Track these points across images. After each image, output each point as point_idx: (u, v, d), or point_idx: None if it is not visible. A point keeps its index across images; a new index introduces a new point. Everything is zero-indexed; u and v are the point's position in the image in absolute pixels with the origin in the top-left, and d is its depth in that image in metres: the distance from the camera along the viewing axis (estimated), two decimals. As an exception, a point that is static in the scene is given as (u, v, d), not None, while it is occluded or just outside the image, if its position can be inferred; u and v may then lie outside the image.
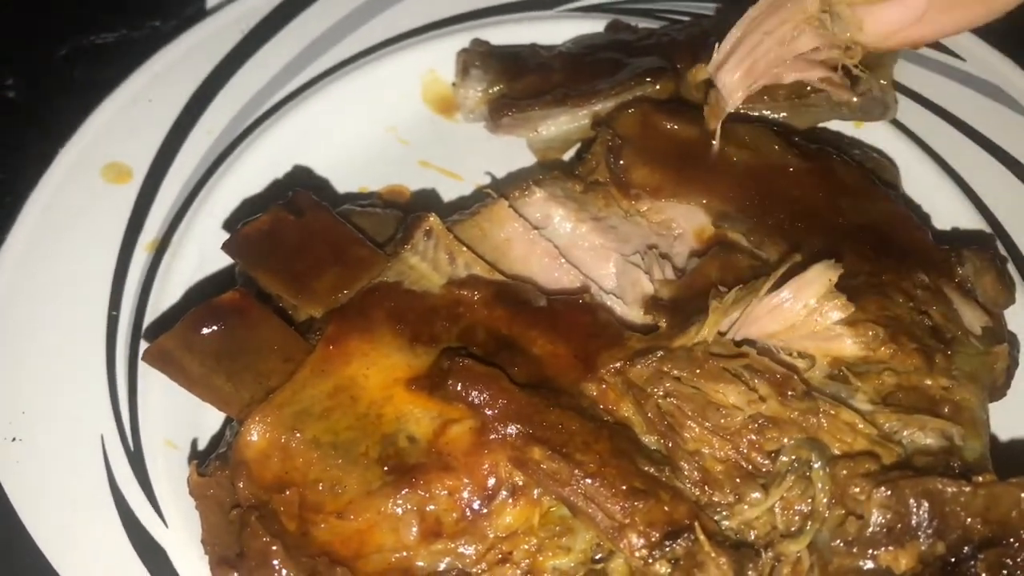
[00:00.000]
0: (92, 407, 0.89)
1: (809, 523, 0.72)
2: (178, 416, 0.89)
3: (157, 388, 0.90)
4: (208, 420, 0.90)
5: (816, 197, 0.95)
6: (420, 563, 0.71)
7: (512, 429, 0.73)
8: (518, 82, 1.09)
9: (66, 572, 0.80)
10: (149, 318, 0.94)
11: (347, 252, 0.82)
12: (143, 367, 0.91)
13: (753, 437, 0.74)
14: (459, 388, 0.73)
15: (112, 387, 0.90)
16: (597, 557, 0.73)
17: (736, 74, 0.77)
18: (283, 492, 0.72)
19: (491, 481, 0.72)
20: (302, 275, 0.81)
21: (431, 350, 0.77)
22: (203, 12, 1.21)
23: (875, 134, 1.09)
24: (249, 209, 1.02)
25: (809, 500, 0.72)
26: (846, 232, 0.91)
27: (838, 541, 0.70)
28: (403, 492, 0.71)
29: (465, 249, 0.84)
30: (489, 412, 0.73)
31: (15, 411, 0.88)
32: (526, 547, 0.72)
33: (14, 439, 0.86)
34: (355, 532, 0.71)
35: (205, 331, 0.76)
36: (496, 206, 0.89)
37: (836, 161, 0.98)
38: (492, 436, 0.72)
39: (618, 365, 0.77)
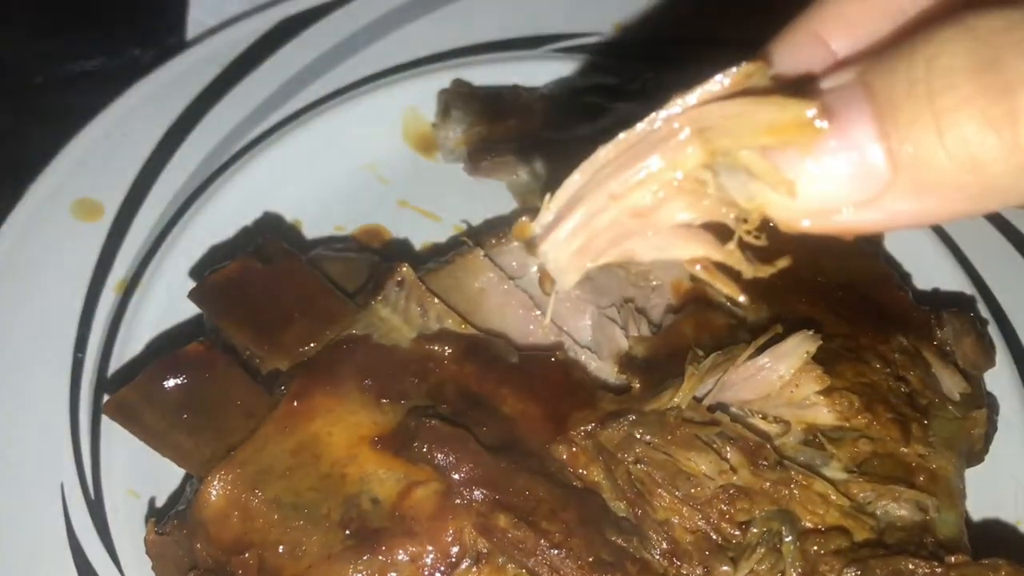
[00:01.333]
0: (53, 453, 0.87)
1: (780, 599, 0.71)
2: (141, 464, 0.87)
3: (120, 434, 0.87)
4: (172, 470, 0.87)
5: (796, 254, 0.93)
6: None
7: (478, 494, 0.71)
8: (498, 124, 1.08)
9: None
10: (115, 361, 0.92)
11: (316, 303, 0.81)
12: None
13: (724, 507, 0.72)
14: (425, 450, 0.72)
15: (75, 433, 0.88)
16: (561, 628, 0.71)
17: (567, 249, 0.49)
18: (242, 554, 0.70)
19: (455, 548, 0.70)
20: (269, 326, 0.80)
21: (398, 408, 0.76)
22: (183, 43, 1.20)
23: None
24: (225, 249, 1.01)
25: (779, 574, 0.71)
26: (825, 291, 0.90)
27: (808, 619, 0.68)
28: (364, 557, 0.69)
29: (437, 301, 0.82)
30: (455, 476, 0.71)
31: (-28, 456, 0.86)
32: None
33: (-31, 485, 0.84)
34: None
35: (167, 384, 0.74)
36: (471, 255, 0.87)
37: (817, 215, 0.97)
38: (458, 501, 0.71)
39: (589, 428, 0.76)
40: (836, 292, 0.89)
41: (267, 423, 0.74)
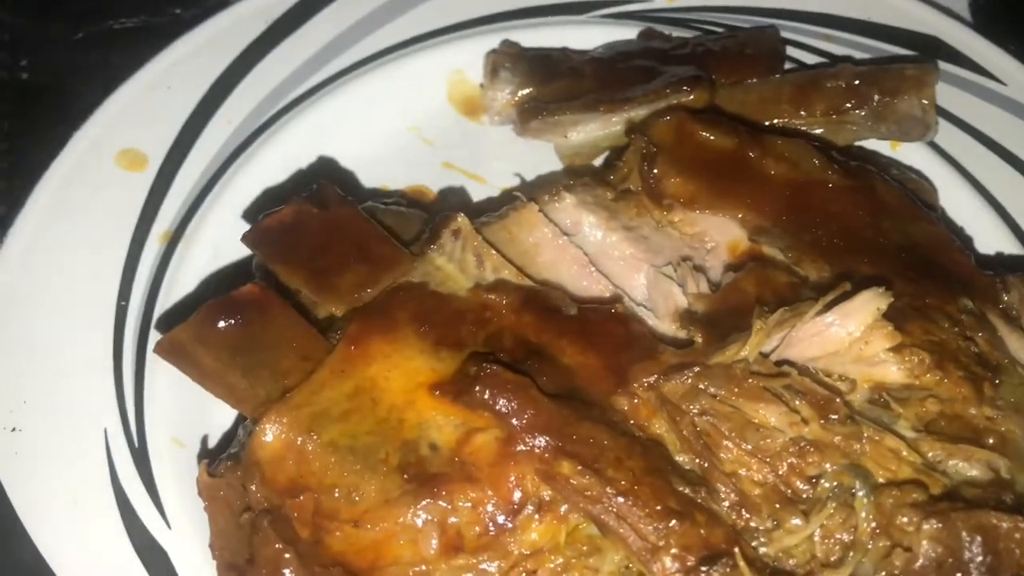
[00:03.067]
0: (96, 400, 0.86)
1: (851, 553, 0.69)
2: (185, 413, 0.86)
3: (164, 383, 0.87)
4: (217, 418, 0.86)
5: (856, 215, 0.91)
6: None
7: (541, 441, 0.69)
8: (548, 86, 1.07)
9: (62, 570, 0.76)
10: (159, 310, 0.91)
11: (372, 249, 0.79)
12: (151, 361, 0.88)
13: (794, 461, 0.70)
14: (486, 396, 0.70)
15: (118, 380, 0.87)
16: (626, 580, 0.69)
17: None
18: (297, 497, 0.69)
19: (517, 495, 0.68)
20: (324, 271, 0.78)
21: (456, 355, 0.74)
22: (225, 2, 1.18)
23: (912, 155, 1.06)
24: (266, 202, 0.99)
25: (851, 529, 0.69)
26: (887, 252, 0.88)
27: (883, 574, 0.66)
28: (424, 503, 0.68)
29: (494, 252, 0.80)
30: (516, 422, 0.69)
31: (17, 400, 0.84)
32: (551, 566, 0.68)
33: (14, 429, 0.83)
34: (371, 542, 0.67)
35: (221, 324, 0.72)
36: (525, 210, 0.86)
37: (877, 179, 0.95)
38: (519, 447, 0.69)
39: (651, 379, 0.74)
40: (899, 253, 0.87)
41: (324, 366, 0.72)
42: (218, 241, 0.95)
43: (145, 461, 0.83)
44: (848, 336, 0.75)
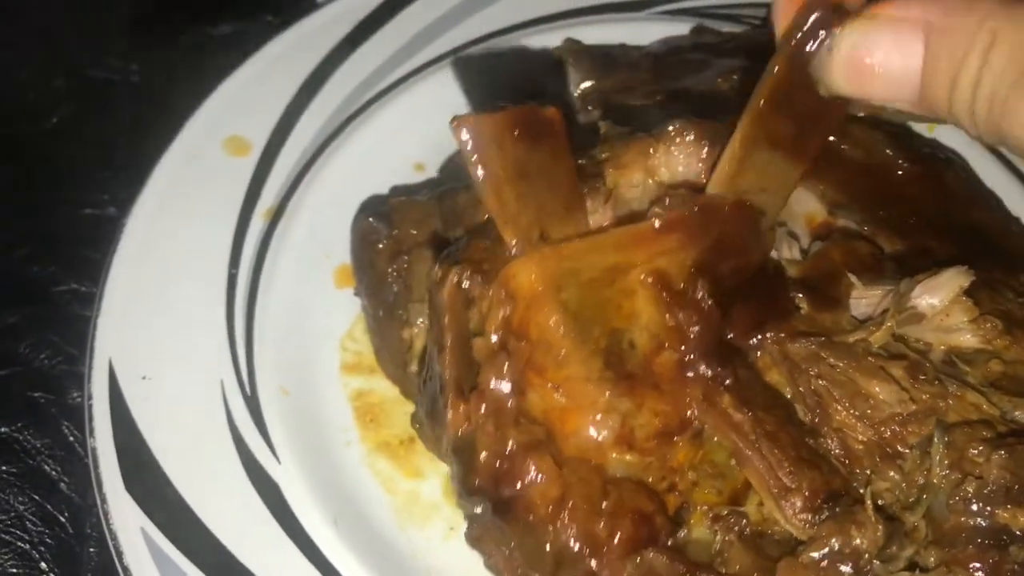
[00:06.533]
0: (213, 354, 0.95)
1: (925, 495, 0.74)
2: (289, 366, 0.96)
3: (270, 340, 0.97)
4: (318, 372, 0.96)
5: (925, 198, 0.97)
6: (608, 464, 0.72)
7: (712, 371, 0.73)
8: (608, 78, 1.15)
9: (190, 496, 0.86)
10: (265, 277, 1.01)
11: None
12: (259, 321, 0.98)
13: (896, 428, 0.76)
14: (691, 325, 0.73)
15: (231, 338, 0.96)
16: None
17: None
18: (520, 341, 0.70)
19: (687, 414, 0.73)
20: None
21: (687, 260, 0.74)
22: (314, 6, 1.30)
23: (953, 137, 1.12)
24: (355, 184, 1.10)
25: (926, 472, 0.74)
26: (954, 232, 0.94)
27: (956, 499, 0.71)
28: (616, 393, 0.71)
29: None
30: (701, 351, 0.73)
31: (147, 353, 0.93)
32: (688, 479, 0.75)
33: (144, 377, 0.93)
34: (561, 408, 0.71)
35: (518, 135, 0.68)
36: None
37: (945, 167, 1.01)
38: (692, 374, 0.73)
39: (780, 335, 0.79)
40: (963, 233, 0.93)
41: (623, 232, 0.72)
42: (313, 217, 1.05)
43: (256, 406, 0.92)
44: (930, 308, 0.81)
